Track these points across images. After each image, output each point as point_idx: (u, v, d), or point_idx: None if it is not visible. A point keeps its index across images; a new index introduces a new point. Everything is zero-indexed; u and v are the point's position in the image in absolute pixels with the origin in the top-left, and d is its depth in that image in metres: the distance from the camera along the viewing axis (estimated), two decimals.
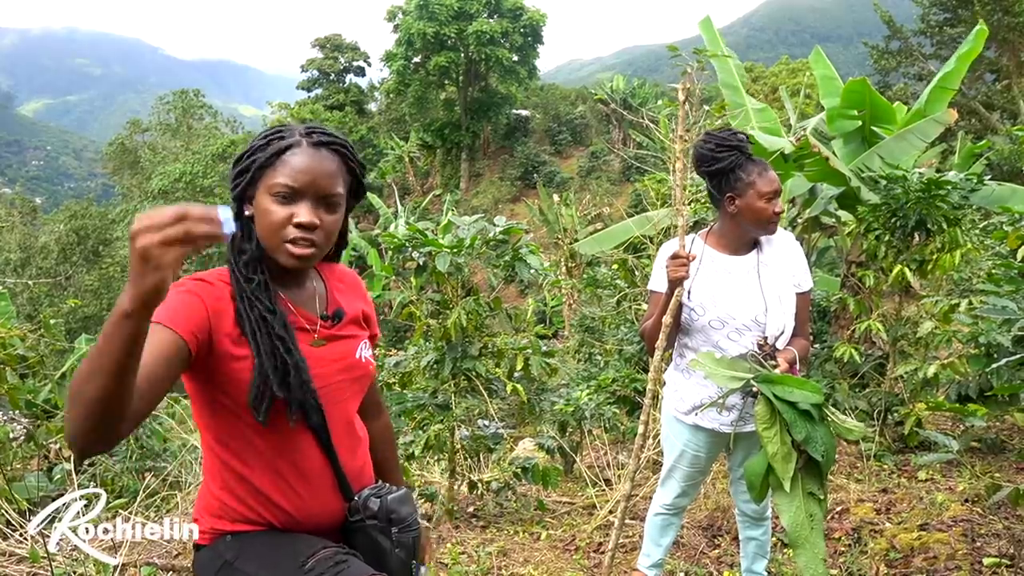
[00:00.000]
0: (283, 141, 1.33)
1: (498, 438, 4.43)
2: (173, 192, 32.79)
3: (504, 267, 4.10)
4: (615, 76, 41.46)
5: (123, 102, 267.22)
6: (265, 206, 1.31)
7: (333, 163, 1.34)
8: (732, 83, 6.63)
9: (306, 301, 1.42)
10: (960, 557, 2.95)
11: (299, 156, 1.32)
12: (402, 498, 1.43)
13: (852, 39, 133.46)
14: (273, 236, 1.31)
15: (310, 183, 1.31)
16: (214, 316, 1.29)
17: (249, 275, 1.32)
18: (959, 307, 4.38)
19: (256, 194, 1.33)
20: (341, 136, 1.39)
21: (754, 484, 2.06)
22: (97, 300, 23.44)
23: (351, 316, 1.48)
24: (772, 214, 2.29)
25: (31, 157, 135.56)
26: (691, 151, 2.40)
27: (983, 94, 21.13)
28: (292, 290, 1.41)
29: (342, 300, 1.49)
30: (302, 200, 1.30)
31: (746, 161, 2.29)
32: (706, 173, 2.34)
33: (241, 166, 1.35)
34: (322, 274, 1.50)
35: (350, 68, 45.38)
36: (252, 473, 1.34)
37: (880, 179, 4.87)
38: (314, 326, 1.41)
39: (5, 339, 3.77)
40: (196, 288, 1.30)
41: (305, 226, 1.29)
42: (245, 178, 1.34)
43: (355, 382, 1.46)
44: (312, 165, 1.31)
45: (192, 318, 1.25)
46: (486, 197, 36.37)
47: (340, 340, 1.44)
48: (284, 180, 1.30)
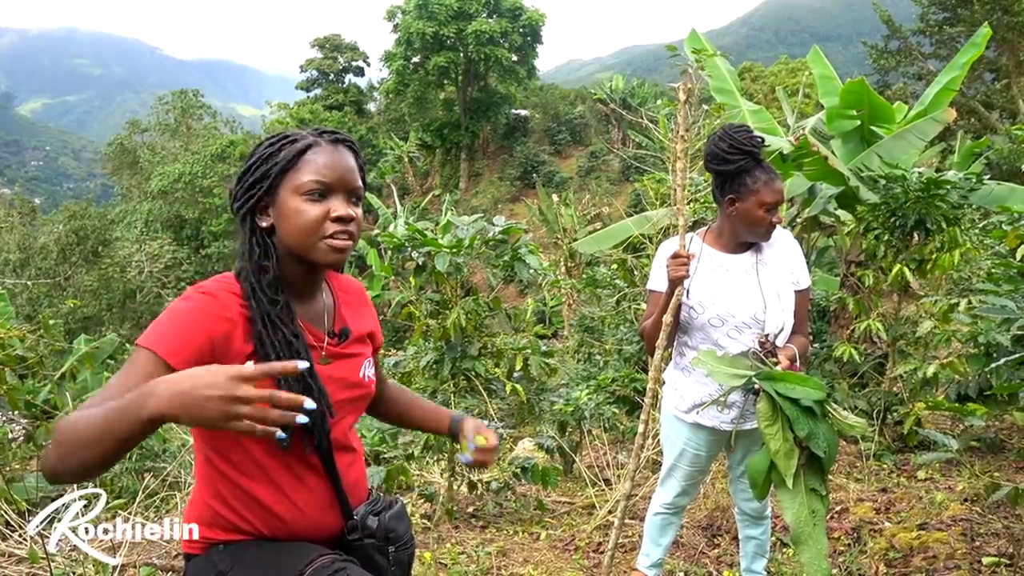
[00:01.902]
0: (298, 143, 1.32)
1: (498, 438, 4.43)
2: (172, 192, 32.79)
3: (503, 267, 4.10)
4: (614, 76, 41.48)
5: (122, 102, 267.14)
6: (296, 207, 1.29)
7: (351, 159, 1.36)
8: (726, 88, 6.65)
9: (315, 317, 1.40)
10: (959, 556, 2.95)
11: (323, 154, 1.32)
12: (399, 514, 1.44)
13: (851, 38, 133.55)
14: (310, 235, 1.29)
15: (340, 179, 1.31)
16: (220, 339, 1.23)
17: (273, 296, 1.29)
18: (958, 306, 4.38)
19: (279, 200, 1.31)
20: (349, 135, 1.41)
21: (756, 481, 2.06)
22: (96, 300, 23.43)
23: (357, 334, 1.46)
24: (769, 224, 2.28)
25: (30, 157, 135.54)
26: (706, 145, 2.38)
27: (982, 93, 21.14)
28: (305, 305, 1.39)
29: (348, 315, 1.47)
30: (334, 195, 1.31)
31: (755, 167, 2.26)
32: (714, 171, 2.33)
33: (254, 176, 1.32)
34: (331, 286, 1.48)
35: (349, 68, 45.40)
36: (251, 484, 1.32)
37: (879, 178, 4.87)
38: (321, 343, 1.39)
39: (4, 340, 3.77)
40: (201, 306, 1.25)
41: (344, 219, 1.30)
42: (263, 186, 1.31)
43: (357, 400, 1.45)
44: (338, 161, 1.32)
45: (191, 342, 1.20)
46: (485, 197, 36.37)
47: (345, 359, 1.43)
48: (315, 177, 1.29)
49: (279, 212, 1.31)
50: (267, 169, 1.31)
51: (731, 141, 2.26)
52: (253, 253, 1.32)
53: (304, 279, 1.37)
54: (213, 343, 1.22)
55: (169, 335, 1.19)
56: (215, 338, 1.22)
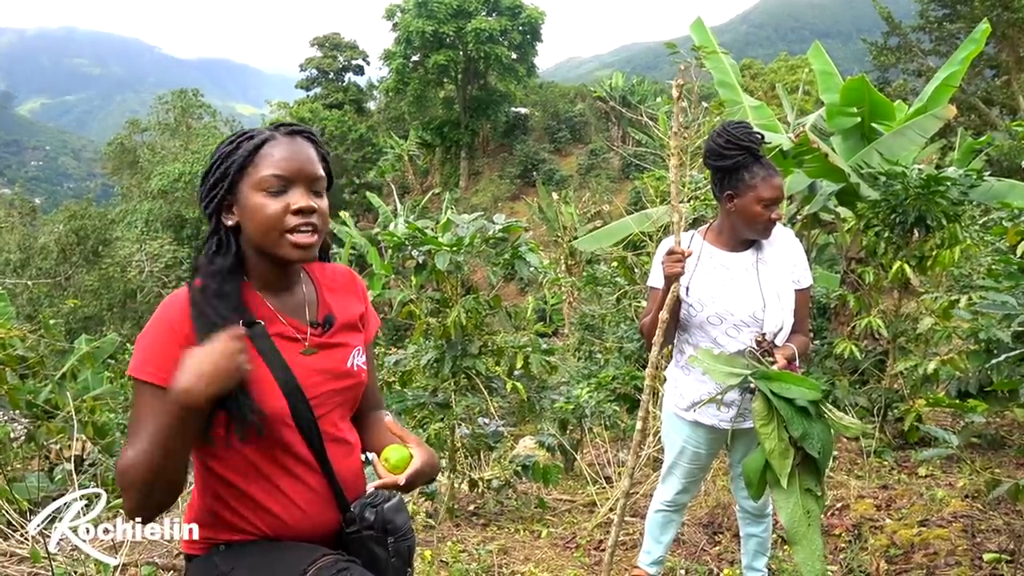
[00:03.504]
0: (254, 139, 1.32)
1: (498, 436, 4.44)
2: (173, 192, 32.78)
3: (504, 265, 4.09)
4: (614, 73, 41.44)
5: (121, 102, 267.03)
6: (256, 202, 1.28)
7: (310, 150, 1.34)
8: (728, 81, 6.63)
9: (294, 308, 1.39)
10: (960, 553, 2.95)
11: (279, 147, 1.31)
12: (397, 506, 1.41)
13: (851, 35, 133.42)
14: (272, 230, 1.28)
15: (298, 170, 1.30)
16: (185, 340, 1.26)
17: (222, 288, 1.29)
18: (959, 303, 4.38)
19: (240, 197, 1.31)
20: (307, 125, 1.40)
21: (752, 481, 2.06)
22: (97, 300, 23.41)
23: (344, 321, 1.45)
24: (767, 220, 2.27)
25: (30, 157, 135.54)
26: (705, 142, 2.37)
27: (982, 90, 21.12)
28: (281, 297, 1.38)
29: (334, 303, 1.46)
30: (294, 188, 1.29)
31: (753, 163, 2.25)
32: (712, 167, 2.33)
33: (215, 176, 1.32)
34: (313, 277, 1.46)
35: (349, 67, 45.37)
36: (245, 482, 1.32)
37: (879, 175, 4.86)
38: (304, 335, 1.38)
39: (5, 339, 3.77)
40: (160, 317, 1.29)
41: (304, 210, 1.28)
42: (223, 186, 1.31)
43: (347, 391, 1.43)
44: (295, 152, 1.31)
45: (168, 359, 1.23)
46: (485, 195, 36.37)
47: (331, 348, 1.41)
48: (272, 171, 1.28)
49: (242, 210, 1.31)
50: (226, 167, 1.31)
51: (728, 137, 2.25)
52: (208, 249, 1.33)
53: (276, 274, 1.36)
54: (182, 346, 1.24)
55: (149, 359, 1.26)
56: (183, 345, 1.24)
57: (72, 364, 4.59)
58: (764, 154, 2.32)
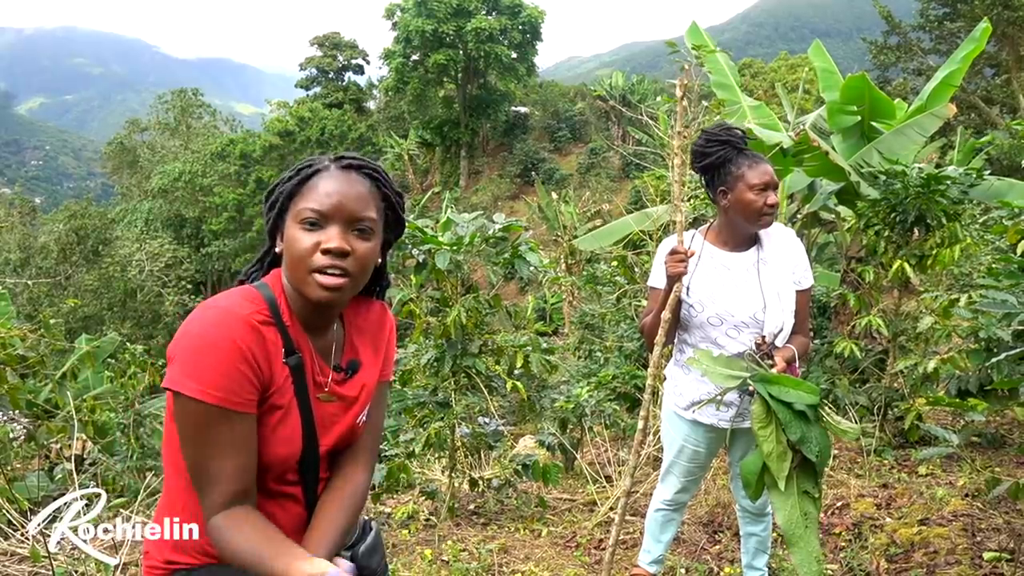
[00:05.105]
0: (311, 168, 1.28)
1: (498, 435, 4.43)
2: (172, 191, 32.78)
3: (504, 264, 4.09)
4: (614, 72, 41.42)
5: (121, 101, 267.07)
6: (292, 234, 1.22)
7: (364, 186, 1.26)
8: (726, 82, 6.63)
9: (323, 348, 1.33)
10: (960, 551, 2.96)
11: (326, 180, 1.24)
12: (372, 548, 1.32)
13: (851, 34, 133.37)
14: (299, 266, 1.21)
15: (337, 206, 1.21)
16: (268, 374, 1.21)
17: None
18: (959, 302, 4.38)
19: (284, 226, 1.26)
20: (373, 162, 1.32)
21: (750, 482, 2.07)
22: (97, 299, 23.43)
23: (367, 366, 1.39)
24: (763, 206, 2.25)
25: (30, 157, 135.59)
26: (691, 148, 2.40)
27: (983, 89, 21.13)
28: (314, 334, 1.31)
29: (361, 346, 1.39)
30: (330, 225, 1.21)
31: (737, 155, 2.28)
32: (699, 168, 2.35)
33: (270, 200, 1.30)
34: (343, 314, 1.38)
35: (349, 66, 45.38)
36: None
37: (879, 174, 4.86)
38: (326, 378, 1.32)
39: (5, 339, 3.77)
40: (246, 344, 1.18)
41: (334, 252, 1.19)
42: (274, 211, 1.28)
43: (346, 442, 1.38)
44: (340, 187, 1.23)
45: (254, 389, 1.19)
46: (485, 194, 36.34)
47: (347, 402, 1.35)
48: (310, 205, 1.22)
49: (283, 239, 1.26)
50: (279, 193, 1.28)
51: (707, 136, 2.31)
52: (251, 267, 1.34)
53: (309, 309, 1.28)
54: (264, 382, 1.21)
55: (221, 384, 1.15)
56: (265, 378, 1.21)
57: (72, 364, 4.59)
58: (747, 147, 2.33)
